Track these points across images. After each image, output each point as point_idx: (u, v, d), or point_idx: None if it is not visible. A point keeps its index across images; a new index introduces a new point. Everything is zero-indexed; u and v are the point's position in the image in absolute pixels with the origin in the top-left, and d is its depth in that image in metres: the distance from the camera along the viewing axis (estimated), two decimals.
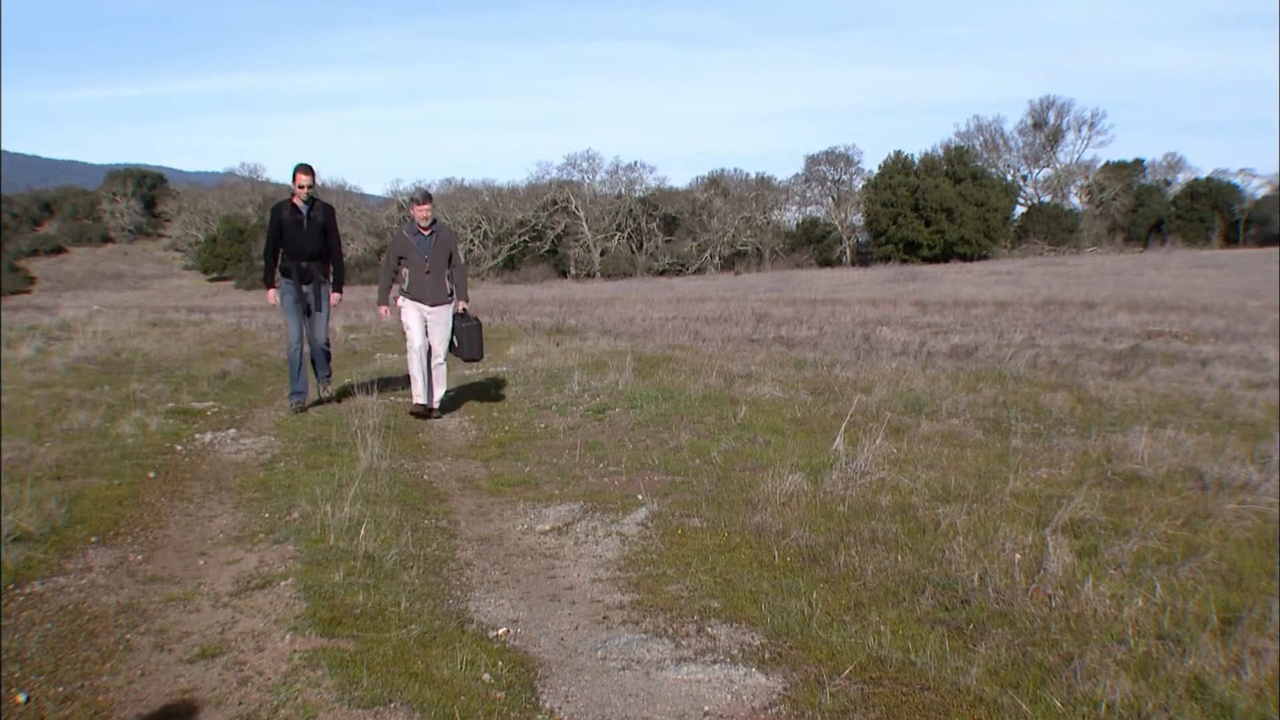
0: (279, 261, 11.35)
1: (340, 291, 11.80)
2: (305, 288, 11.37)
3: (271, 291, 11.46)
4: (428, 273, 11.25)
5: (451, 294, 11.48)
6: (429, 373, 11.54)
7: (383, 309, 11.71)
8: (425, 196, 11.46)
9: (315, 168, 11.40)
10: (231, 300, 66.74)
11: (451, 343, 11.52)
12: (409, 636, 4.99)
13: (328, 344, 11.92)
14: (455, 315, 11.48)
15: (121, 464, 8.61)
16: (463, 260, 11.88)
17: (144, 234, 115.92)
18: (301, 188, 11.18)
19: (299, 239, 11.22)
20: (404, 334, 11.65)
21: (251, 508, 7.44)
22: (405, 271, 11.40)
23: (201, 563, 6.21)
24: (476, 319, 11.61)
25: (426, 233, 11.33)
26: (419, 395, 11.48)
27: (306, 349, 11.72)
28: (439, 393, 11.69)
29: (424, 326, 11.38)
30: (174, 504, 7.56)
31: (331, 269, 11.65)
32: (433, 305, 11.36)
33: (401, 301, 11.43)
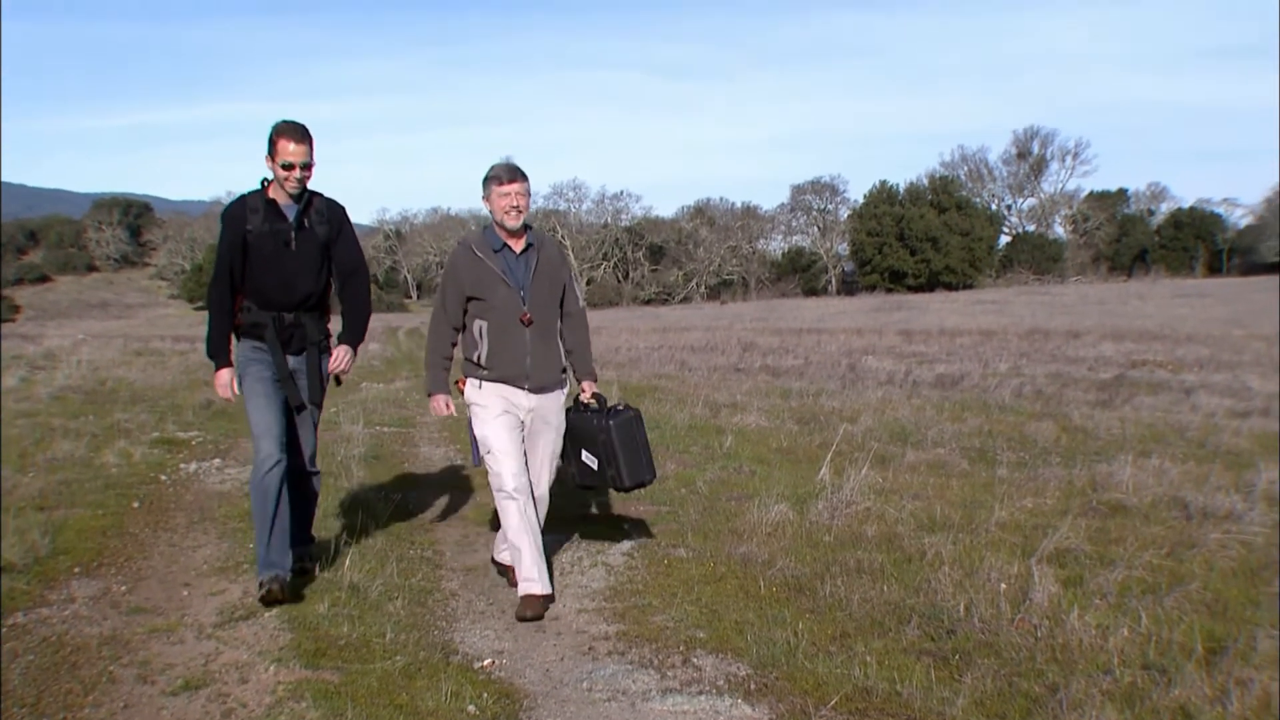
0: (240, 312, 6.11)
1: (355, 350, 6.45)
2: (292, 360, 6.17)
3: (223, 375, 6.03)
4: (529, 324, 5.97)
5: (565, 371, 6.30)
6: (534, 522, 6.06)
7: (438, 400, 6.19)
8: (514, 171, 5.96)
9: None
10: None
11: (573, 467, 6.42)
12: (394, 668, 4.97)
13: (315, 467, 6.56)
14: (581, 410, 6.35)
15: (105, 494, 8.59)
16: (581, 301, 6.50)
17: (129, 263, 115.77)
18: (289, 169, 5.87)
19: (280, 267, 6.00)
20: (469, 442, 6.37)
21: (236, 538, 7.41)
22: (479, 327, 6.00)
23: (185, 594, 6.18)
24: (629, 406, 6.45)
25: (519, 250, 6.03)
26: (530, 578, 5.89)
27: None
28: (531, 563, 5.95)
29: (521, 439, 6.10)
30: (158, 534, 7.53)
31: (343, 315, 6.46)
32: (538, 391, 6.07)
33: (470, 389, 6.07)
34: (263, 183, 6.05)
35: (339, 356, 6.32)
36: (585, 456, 6.33)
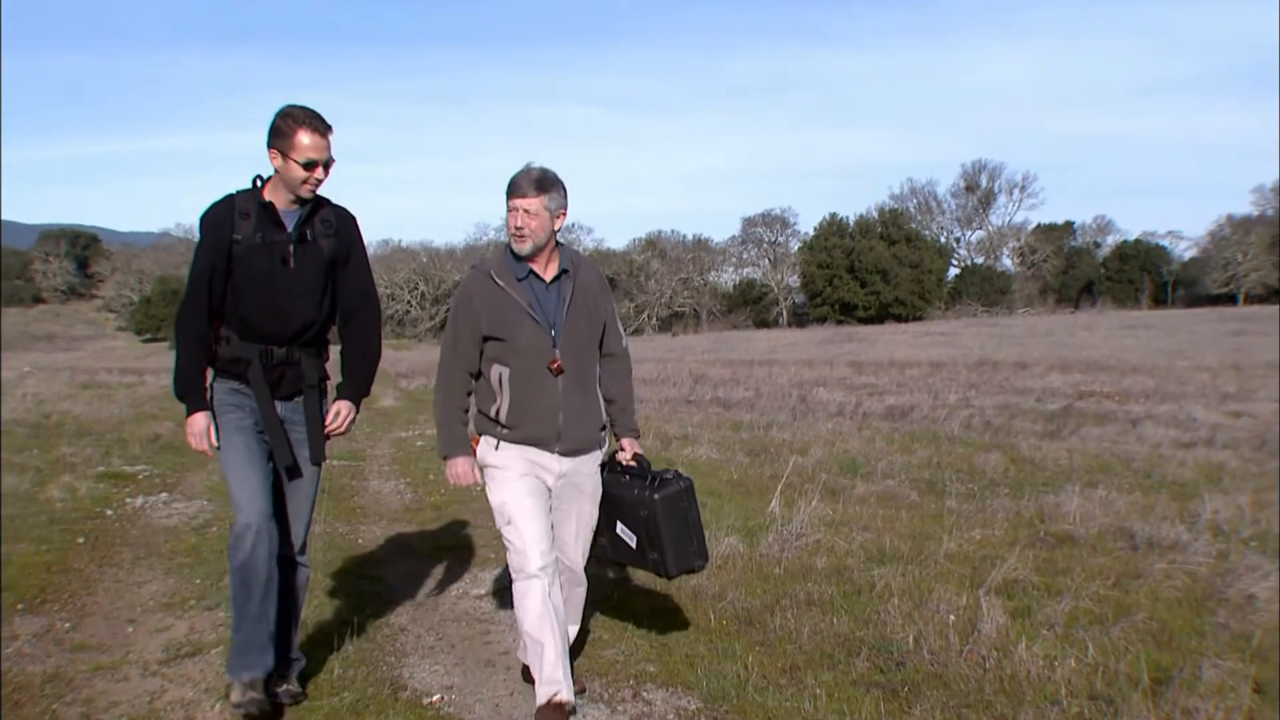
0: (218, 344, 4.70)
1: (358, 401, 4.99)
2: (283, 406, 4.77)
3: (197, 421, 4.62)
4: (558, 372, 4.79)
5: (604, 428, 5.10)
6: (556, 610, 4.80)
7: (456, 465, 5.04)
8: (525, 183, 4.66)
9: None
10: (165, 362, 65.70)
11: (604, 539, 5.17)
12: (341, 704, 4.93)
13: (303, 557, 5.02)
14: (618, 474, 5.09)
15: (50, 529, 8.48)
16: (625, 339, 5.22)
17: (77, 295, 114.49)
18: (311, 168, 4.54)
19: (274, 288, 4.65)
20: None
21: (182, 574, 7.34)
22: (499, 375, 4.81)
23: (130, 630, 6.11)
24: (680, 475, 5.10)
25: (550, 278, 4.85)
26: (554, 680, 4.67)
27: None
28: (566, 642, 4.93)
29: (549, 505, 4.96)
30: (103, 570, 7.44)
31: (344, 360, 5.00)
32: (571, 455, 4.92)
33: (485, 448, 4.98)
34: (255, 181, 4.67)
35: (338, 415, 4.91)
36: (621, 530, 5.06)
